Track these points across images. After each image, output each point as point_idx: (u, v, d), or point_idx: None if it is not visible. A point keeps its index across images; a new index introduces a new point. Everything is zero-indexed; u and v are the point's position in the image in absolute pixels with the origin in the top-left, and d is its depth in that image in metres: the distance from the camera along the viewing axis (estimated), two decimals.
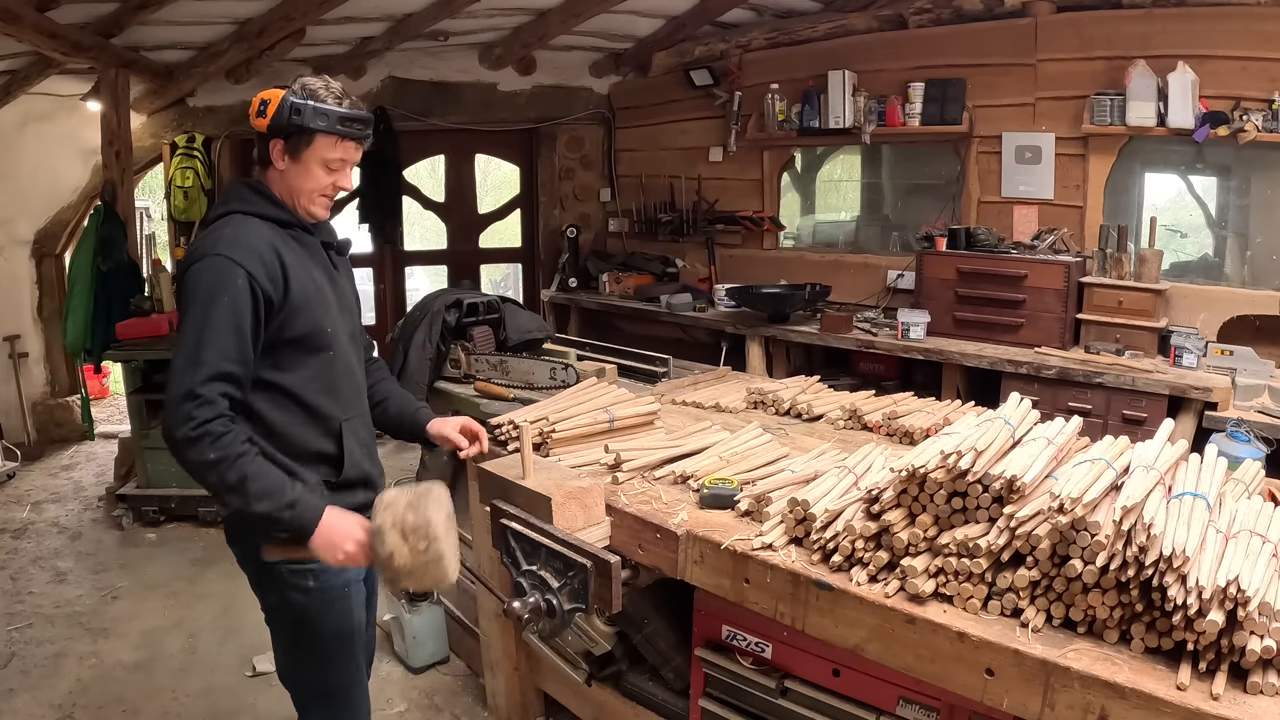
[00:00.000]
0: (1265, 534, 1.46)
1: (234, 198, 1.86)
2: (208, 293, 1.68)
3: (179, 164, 5.47)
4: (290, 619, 1.88)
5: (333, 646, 1.91)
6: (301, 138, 1.79)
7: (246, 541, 1.83)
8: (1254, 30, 3.69)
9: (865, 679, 1.73)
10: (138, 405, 4.41)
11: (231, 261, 1.70)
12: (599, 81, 6.39)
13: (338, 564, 1.72)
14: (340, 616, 1.90)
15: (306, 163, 1.81)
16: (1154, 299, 3.83)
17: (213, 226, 1.82)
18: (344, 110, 1.80)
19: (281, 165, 1.82)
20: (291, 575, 1.83)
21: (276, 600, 1.88)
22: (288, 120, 1.76)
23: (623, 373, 3.22)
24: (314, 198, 1.86)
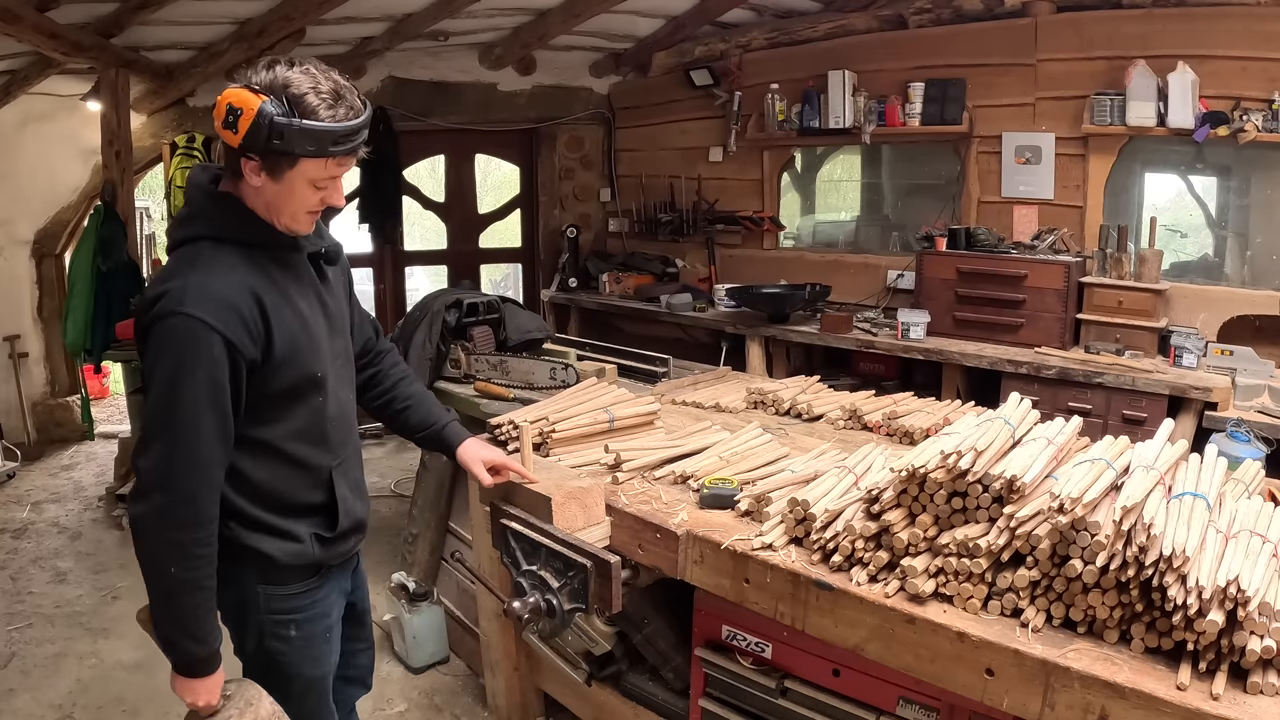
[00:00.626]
0: (1265, 534, 1.46)
1: (200, 216, 1.56)
2: (178, 364, 1.45)
3: (179, 164, 5.47)
4: (264, 665, 1.73)
5: (304, 691, 1.78)
6: (283, 159, 1.46)
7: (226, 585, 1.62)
8: (1254, 30, 3.68)
9: (865, 679, 1.73)
10: (138, 405, 4.40)
11: (204, 325, 1.44)
12: (599, 81, 6.39)
13: (188, 704, 1.59)
14: (316, 663, 1.78)
15: (289, 183, 1.50)
16: (1154, 299, 3.83)
17: (176, 261, 1.54)
18: (338, 126, 1.46)
19: (257, 182, 1.50)
20: (274, 624, 1.70)
21: (254, 646, 1.72)
22: (265, 142, 1.42)
23: (623, 373, 3.22)
24: (298, 217, 1.57)
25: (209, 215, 1.55)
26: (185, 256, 1.53)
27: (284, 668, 1.73)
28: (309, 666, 1.76)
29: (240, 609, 1.70)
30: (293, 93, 1.43)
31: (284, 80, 1.44)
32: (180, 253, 1.54)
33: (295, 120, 1.42)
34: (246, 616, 1.70)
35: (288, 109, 1.42)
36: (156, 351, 1.47)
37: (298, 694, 1.76)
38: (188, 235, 1.55)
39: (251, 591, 1.67)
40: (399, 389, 1.98)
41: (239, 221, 1.55)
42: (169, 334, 1.45)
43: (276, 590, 1.68)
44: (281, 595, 1.69)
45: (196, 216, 1.56)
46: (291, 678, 1.75)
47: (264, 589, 1.67)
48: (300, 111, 1.43)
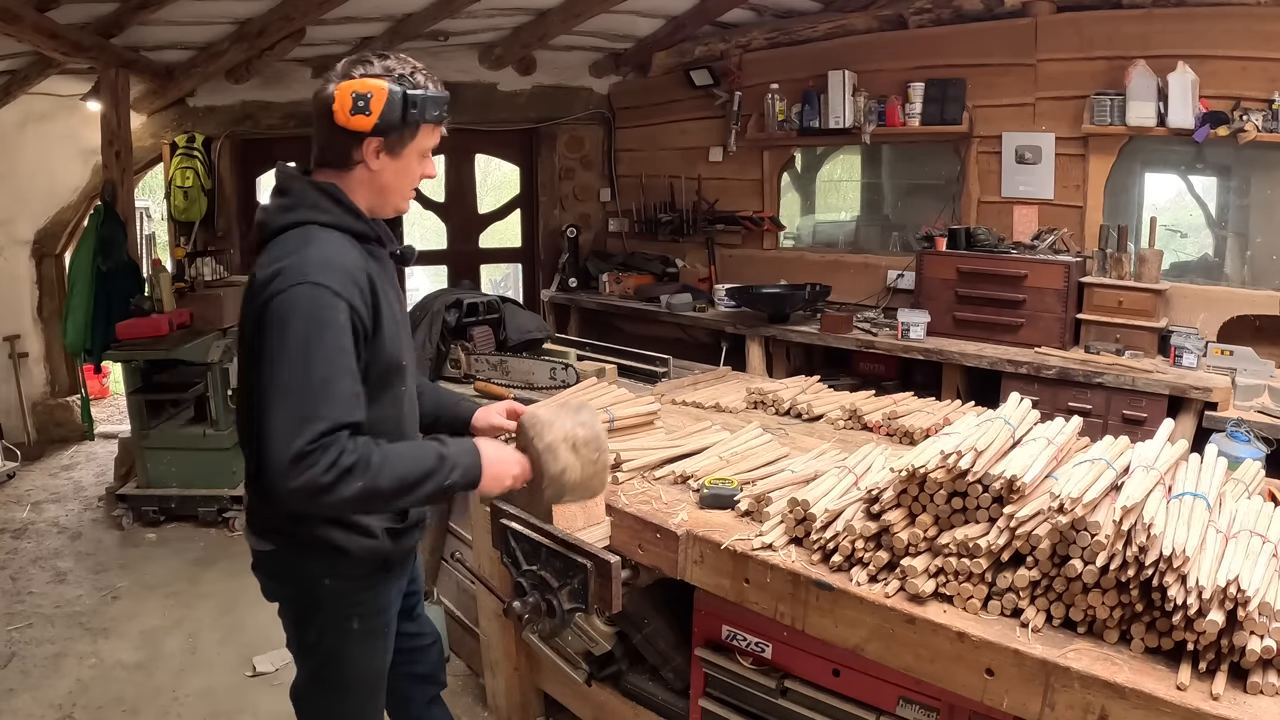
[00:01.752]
0: (1265, 534, 1.46)
1: (307, 204, 1.59)
2: (309, 330, 1.46)
3: (179, 164, 5.47)
4: (323, 659, 1.77)
5: (358, 686, 1.82)
6: (405, 132, 1.58)
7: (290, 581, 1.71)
8: (1254, 30, 3.69)
9: (865, 679, 1.73)
10: (138, 405, 4.40)
11: (331, 292, 1.48)
12: (599, 81, 6.39)
13: (503, 490, 1.69)
14: (372, 658, 1.81)
15: (406, 158, 1.62)
16: (1154, 299, 3.83)
17: (289, 239, 1.56)
18: (445, 94, 1.62)
19: (376, 165, 1.60)
20: (337, 619, 1.72)
21: (314, 638, 1.75)
22: (401, 116, 1.55)
23: (623, 373, 3.23)
24: (406, 193, 1.68)
25: (314, 203, 1.60)
26: (297, 238, 1.56)
27: (343, 663, 1.77)
28: (366, 661, 1.80)
29: (304, 603, 1.73)
30: (403, 72, 1.58)
31: (388, 67, 1.57)
32: (289, 235, 1.57)
33: (419, 91, 1.56)
34: (310, 611, 1.73)
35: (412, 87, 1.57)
36: (283, 321, 1.47)
37: (353, 689, 1.81)
38: (294, 220, 1.58)
39: (319, 586, 1.69)
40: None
41: (343, 211, 1.61)
42: (299, 301, 1.47)
43: (343, 585, 1.70)
44: (347, 590, 1.71)
45: (300, 205, 1.60)
46: (348, 672, 1.78)
47: (331, 583, 1.69)
48: (417, 86, 1.58)
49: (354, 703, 1.83)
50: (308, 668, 1.81)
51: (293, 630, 1.80)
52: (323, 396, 1.45)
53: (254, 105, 5.64)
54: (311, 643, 1.77)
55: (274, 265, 1.53)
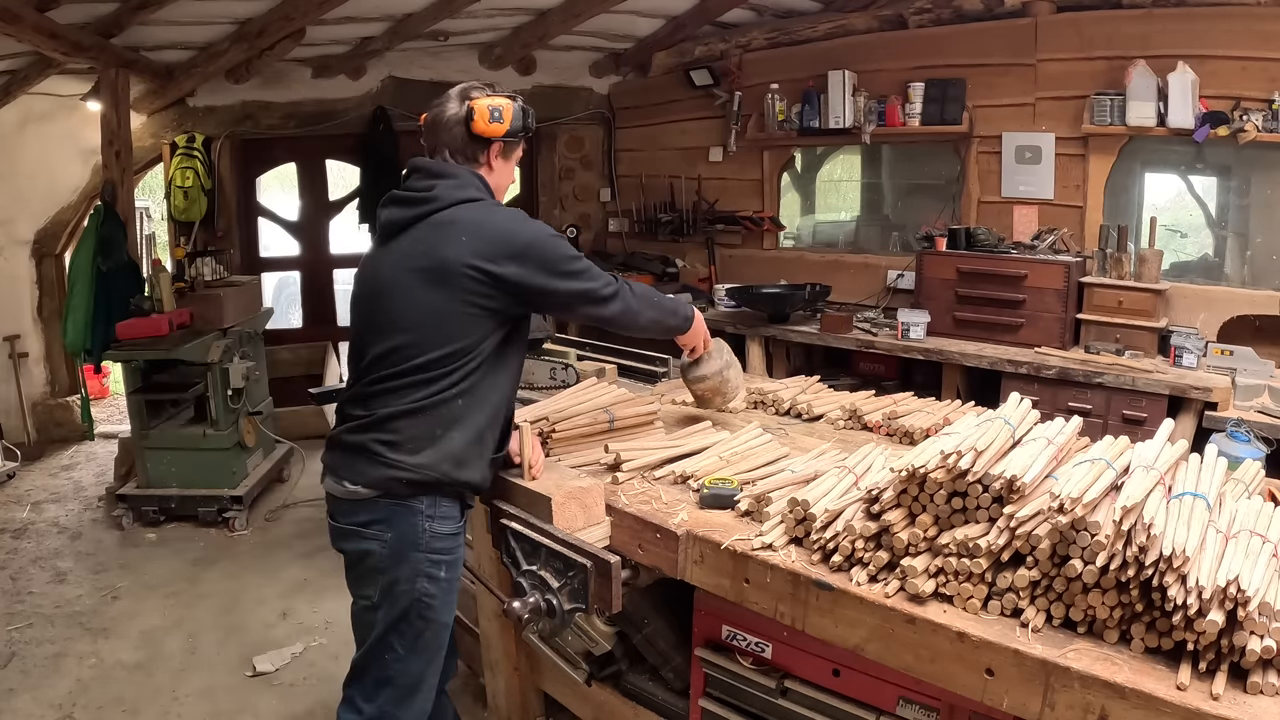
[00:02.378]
0: (1265, 534, 1.46)
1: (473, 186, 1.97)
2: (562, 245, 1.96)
3: (179, 164, 5.47)
4: (409, 608, 1.89)
5: (433, 639, 1.95)
6: (515, 140, 2.03)
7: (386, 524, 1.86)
8: (1254, 30, 3.69)
9: (865, 679, 1.73)
10: (138, 405, 4.40)
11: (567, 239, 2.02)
12: (599, 81, 6.39)
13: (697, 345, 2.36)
14: (450, 609, 1.98)
15: (510, 163, 2.07)
16: (1154, 299, 3.83)
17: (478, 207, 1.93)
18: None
19: (496, 165, 2.02)
20: (430, 564, 1.87)
21: (405, 588, 1.88)
22: (523, 125, 2.00)
23: (623, 373, 3.22)
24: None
25: (479, 187, 1.98)
26: (488, 204, 1.97)
27: (429, 611, 1.91)
28: (446, 613, 1.96)
29: (395, 548, 1.87)
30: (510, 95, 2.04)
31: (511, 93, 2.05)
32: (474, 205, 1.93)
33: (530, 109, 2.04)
34: (401, 555, 1.87)
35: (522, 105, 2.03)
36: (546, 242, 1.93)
37: (427, 641, 1.94)
38: (472, 196, 1.94)
39: (413, 529, 1.85)
40: None
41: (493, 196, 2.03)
42: (544, 230, 1.97)
43: (441, 528, 1.88)
44: (443, 534, 1.88)
45: (469, 186, 1.96)
46: (430, 622, 1.92)
47: (429, 526, 1.86)
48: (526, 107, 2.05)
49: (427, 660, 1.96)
50: (387, 620, 1.90)
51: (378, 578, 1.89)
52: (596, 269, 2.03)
53: (254, 105, 5.64)
54: (402, 592, 1.88)
55: (499, 218, 1.92)
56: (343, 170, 6.61)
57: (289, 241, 6.34)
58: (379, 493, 1.85)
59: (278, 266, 6.34)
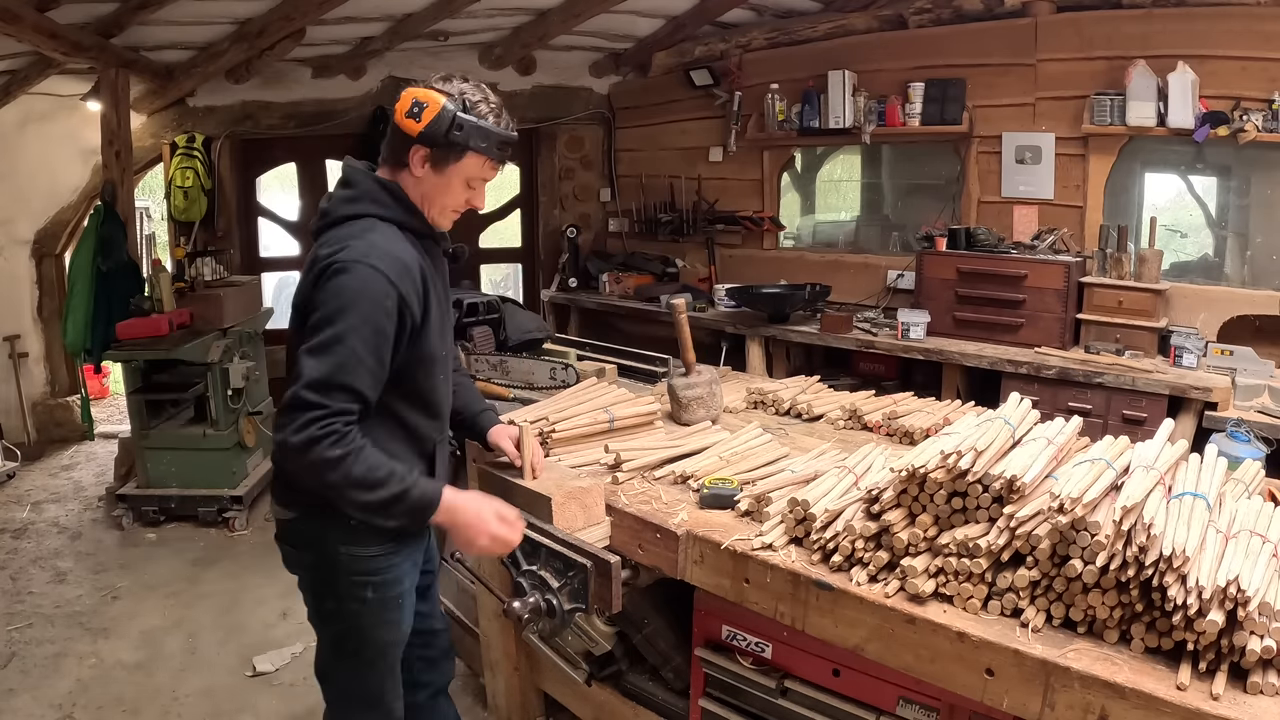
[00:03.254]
0: (1265, 534, 1.46)
1: (369, 198, 1.72)
2: (358, 308, 1.59)
3: (179, 164, 5.47)
4: (341, 626, 1.85)
5: (375, 656, 1.88)
6: (452, 152, 1.68)
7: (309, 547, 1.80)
8: (1254, 30, 3.69)
9: (865, 679, 1.73)
10: (138, 405, 4.40)
11: (387, 280, 1.60)
12: (599, 81, 6.39)
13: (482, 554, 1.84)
14: (389, 629, 1.87)
15: (449, 177, 1.71)
16: (1154, 299, 3.83)
17: (353, 227, 1.68)
18: (503, 133, 1.71)
19: (419, 173, 1.71)
20: (352, 586, 1.79)
21: (332, 608, 1.83)
22: (445, 133, 1.65)
23: (623, 373, 3.22)
24: (445, 212, 1.77)
25: (376, 198, 1.72)
26: (359, 227, 1.68)
27: (359, 631, 1.84)
28: (382, 631, 1.86)
29: (322, 572, 1.81)
30: (469, 98, 1.68)
31: (461, 88, 1.69)
32: (351, 225, 1.69)
33: (472, 118, 1.66)
34: (328, 580, 1.80)
35: (466, 108, 1.67)
36: (340, 293, 1.59)
37: (369, 659, 1.87)
38: (357, 212, 1.71)
39: (333, 552, 1.77)
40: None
41: (402, 208, 1.73)
42: (354, 280, 1.60)
43: (357, 551, 1.77)
44: (361, 557, 1.77)
45: (364, 198, 1.72)
46: (365, 642, 1.85)
47: (345, 549, 1.76)
48: (476, 114, 1.68)
49: (373, 676, 1.90)
50: (327, 639, 1.90)
51: (312, 601, 1.87)
52: (350, 369, 1.58)
53: (254, 105, 5.64)
54: (329, 612, 1.84)
55: (339, 244, 1.65)
56: None
57: (289, 241, 6.34)
58: (294, 515, 1.80)
59: (278, 266, 6.33)
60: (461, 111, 1.66)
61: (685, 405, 2.53)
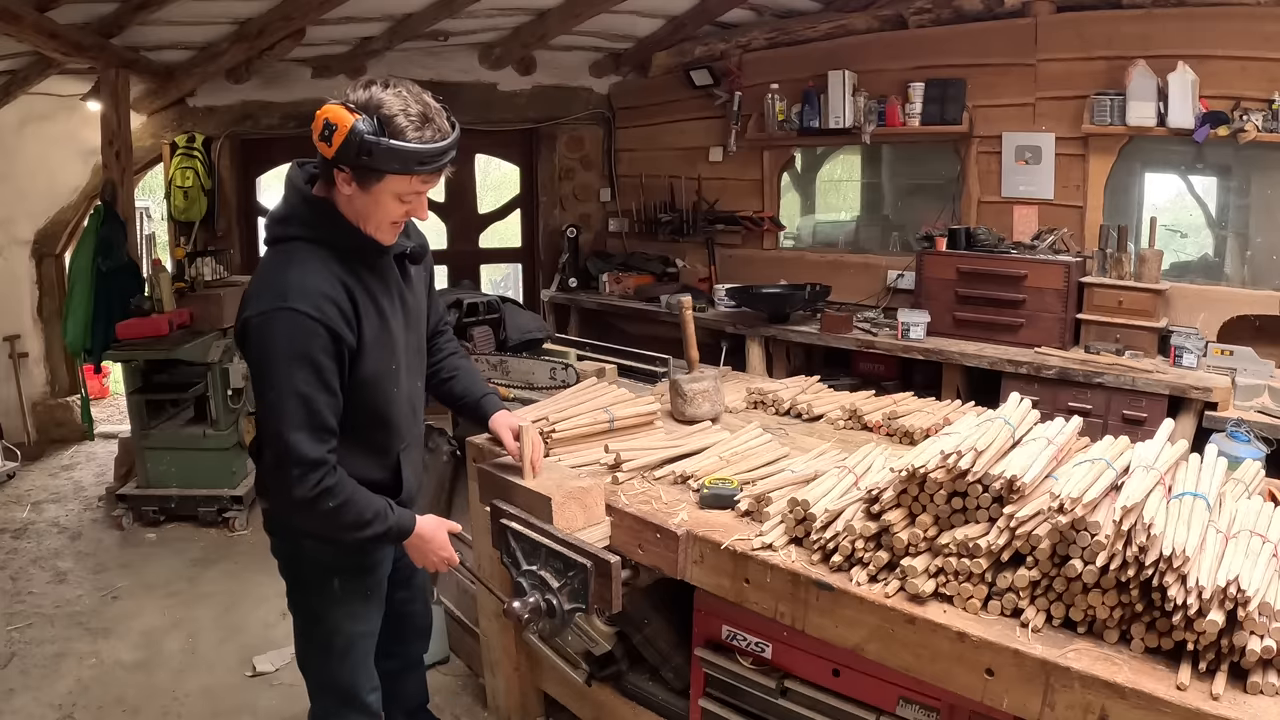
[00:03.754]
0: (1265, 534, 1.46)
1: (296, 219, 1.69)
2: (290, 354, 1.60)
3: (179, 164, 5.47)
4: (310, 617, 1.94)
5: (345, 647, 1.95)
6: (371, 174, 1.59)
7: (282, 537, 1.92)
8: (1254, 30, 3.68)
9: (865, 679, 1.73)
10: (138, 405, 4.40)
11: (307, 317, 1.59)
12: (599, 81, 6.39)
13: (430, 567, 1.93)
14: (357, 619, 1.95)
15: (376, 195, 1.63)
16: (1154, 299, 3.83)
17: (274, 258, 1.68)
18: (425, 147, 1.58)
19: (348, 191, 1.63)
20: (320, 576, 1.88)
21: (301, 598, 1.94)
22: (355, 157, 1.55)
23: (623, 373, 3.22)
24: (382, 227, 1.70)
25: (304, 219, 1.69)
26: (282, 256, 1.68)
27: (327, 621, 1.91)
28: (350, 622, 1.93)
29: (290, 562, 1.91)
30: (384, 113, 1.56)
31: (377, 101, 1.57)
32: (276, 251, 1.70)
33: (383, 140, 1.54)
34: (295, 570, 1.91)
35: (377, 128, 1.55)
36: (268, 344, 1.61)
37: (339, 649, 1.96)
38: (284, 234, 1.70)
39: (298, 545, 1.86)
40: (447, 361, 2.15)
41: (331, 226, 1.68)
42: (277, 326, 1.60)
43: (322, 546, 1.84)
44: (327, 552, 1.85)
45: (292, 219, 1.70)
46: (334, 631, 1.92)
47: (310, 543, 1.84)
48: (389, 131, 1.55)
49: (344, 669, 1.96)
50: (299, 628, 1.97)
51: (287, 589, 1.97)
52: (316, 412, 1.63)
53: (254, 105, 5.64)
54: (300, 601, 1.95)
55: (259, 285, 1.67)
56: None
57: None
58: (268, 504, 1.91)
59: None
60: (371, 133, 1.54)
61: (689, 399, 2.53)
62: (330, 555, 1.87)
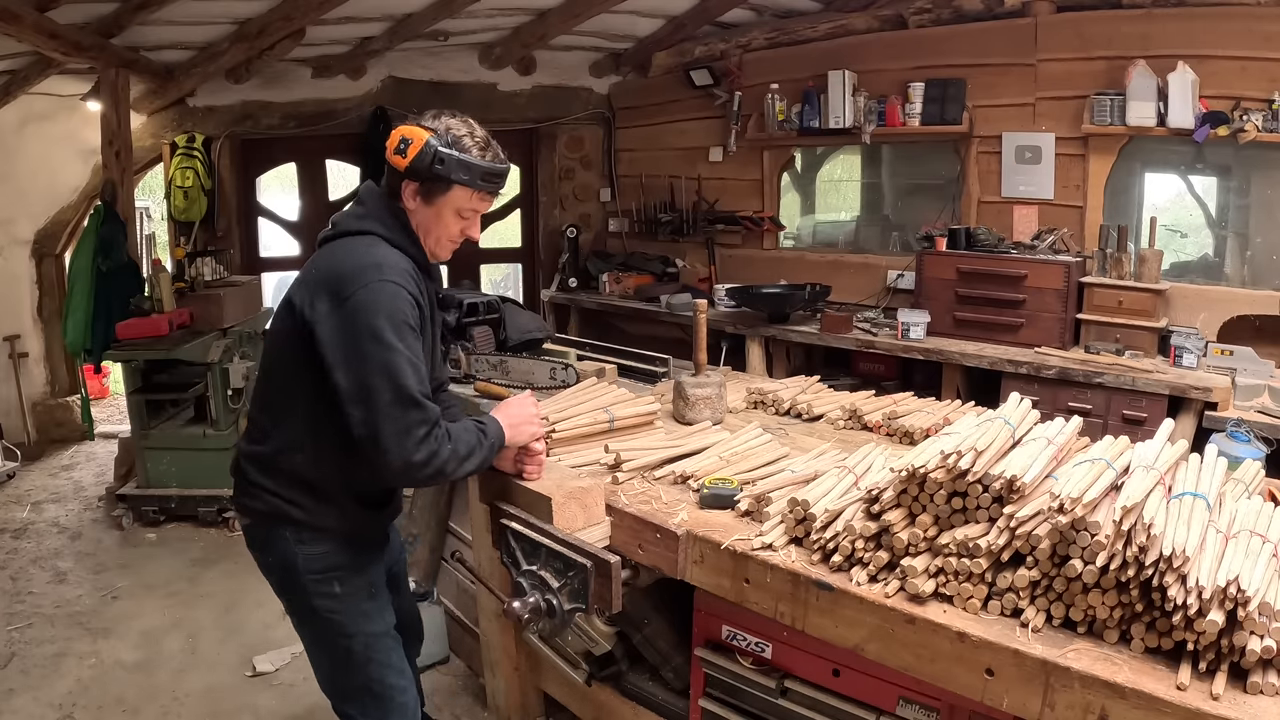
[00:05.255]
0: (1265, 534, 1.46)
1: (376, 218, 1.81)
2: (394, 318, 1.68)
3: (179, 164, 5.47)
4: (321, 626, 1.88)
5: (365, 650, 1.90)
6: (438, 185, 1.77)
7: (269, 550, 1.87)
8: (1254, 30, 3.69)
9: (865, 679, 1.73)
10: (138, 405, 4.40)
11: (405, 290, 1.71)
12: (599, 81, 6.39)
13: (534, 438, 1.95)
14: (368, 619, 1.91)
15: (439, 209, 1.80)
16: (1154, 299, 3.83)
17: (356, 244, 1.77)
18: (488, 165, 1.79)
19: (412, 205, 1.80)
20: (317, 583, 1.84)
21: (305, 607, 1.88)
22: (429, 167, 1.74)
23: (623, 373, 3.22)
24: (441, 242, 1.86)
25: (384, 219, 1.81)
26: (366, 244, 1.78)
27: (339, 626, 1.87)
28: (363, 622, 1.89)
29: (284, 571, 1.86)
30: (454, 134, 1.77)
31: (448, 125, 1.78)
32: (357, 240, 1.79)
33: (455, 152, 1.75)
34: (290, 578, 1.86)
35: (449, 143, 1.75)
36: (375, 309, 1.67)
37: (360, 654, 1.89)
38: (364, 229, 1.80)
39: (291, 553, 1.83)
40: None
41: (404, 232, 1.83)
42: (381, 294, 1.68)
43: (310, 550, 1.83)
44: (316, 554, 1.84)
45: (373, 217, 1.82)
46: (351, 636, 1.88)
47: (300, 549, 1.82)
48: (459, 148, 1.76)
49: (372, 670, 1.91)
50: (312, 642, 1.93)
51: (287, 604, 1.93)
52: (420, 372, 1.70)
53: (254, 105, 5.64)
54: (305, 611, 1.89)
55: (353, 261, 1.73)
56: (343, 170, 6.61)
57: (289, 241, 6.34)
58: (250, 521, 1.89)
59: (278, 266, 6.33)
60: (444, 147, 1.74)
61: (692, 403, 2.53)
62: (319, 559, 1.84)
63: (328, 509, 1.83)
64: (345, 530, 1.87)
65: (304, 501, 1.82)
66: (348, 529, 1.87)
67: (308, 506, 1.82)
